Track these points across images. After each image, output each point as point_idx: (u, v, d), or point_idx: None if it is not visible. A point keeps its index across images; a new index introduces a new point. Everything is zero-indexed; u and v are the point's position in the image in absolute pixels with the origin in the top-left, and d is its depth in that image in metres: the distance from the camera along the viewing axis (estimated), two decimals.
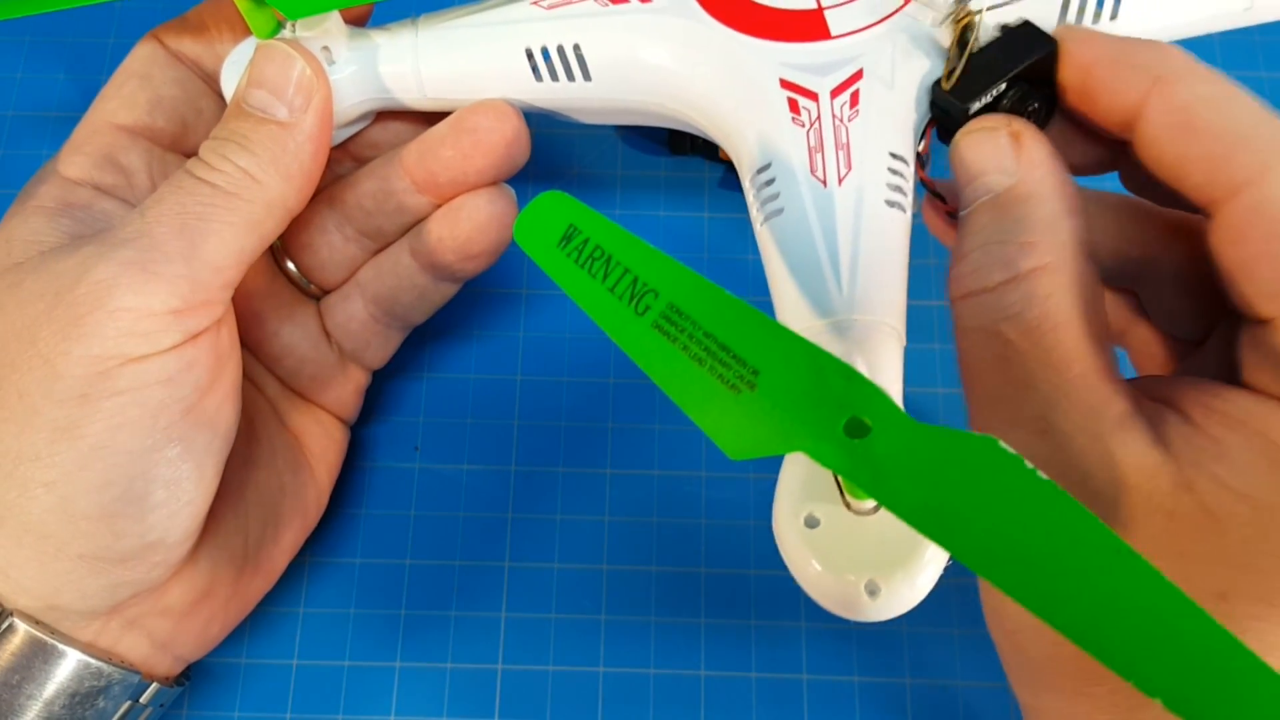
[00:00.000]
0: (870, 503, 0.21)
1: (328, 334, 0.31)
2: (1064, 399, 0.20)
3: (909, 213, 0.24)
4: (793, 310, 0.23)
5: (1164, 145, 0.21)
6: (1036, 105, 0.23)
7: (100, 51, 0.40)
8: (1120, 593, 0.15)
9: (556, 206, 0.21)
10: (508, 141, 0.27)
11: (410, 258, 0.29)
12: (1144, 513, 0.19)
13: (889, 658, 0.31)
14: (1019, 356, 0.20)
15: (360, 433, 0.34)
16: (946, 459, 0.16)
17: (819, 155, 0.23)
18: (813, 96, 0.24)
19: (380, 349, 0.32)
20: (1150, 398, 0.21)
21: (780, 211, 0.23)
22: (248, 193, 0.24)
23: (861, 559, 0.20)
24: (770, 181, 0.24)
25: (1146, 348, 0.27)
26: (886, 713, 0.31)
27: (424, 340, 0.35)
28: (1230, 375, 0.22)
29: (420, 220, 0.29)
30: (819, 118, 0.24)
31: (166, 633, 0.26)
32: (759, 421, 0.18)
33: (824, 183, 0.23)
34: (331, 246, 0.30)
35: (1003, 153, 0.22)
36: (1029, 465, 0.16)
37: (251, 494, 0.28)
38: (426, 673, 0.31)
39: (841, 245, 0.22)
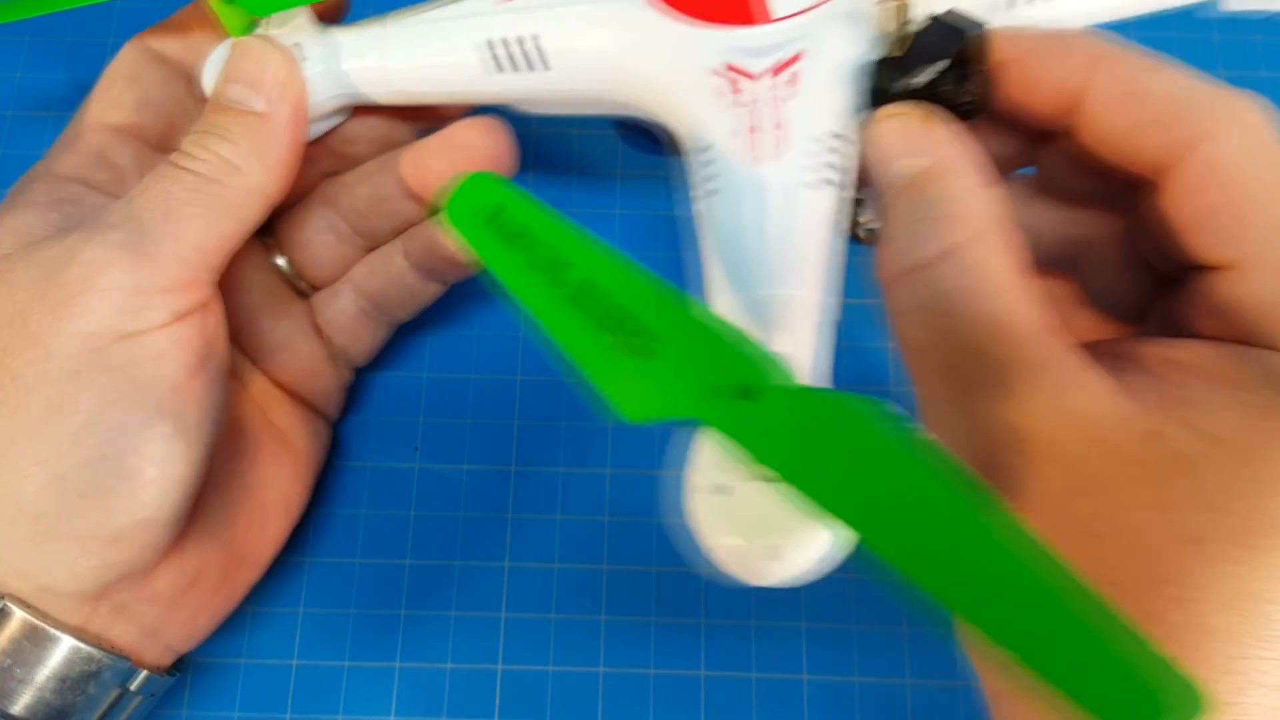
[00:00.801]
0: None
1: (319, 330, 0.32)
2: (1018, 361, 0.20)
3: (846, 191, 0.24)
4: (719, 285, 0.23)
5: (1115, 117, 0.22)
6: (972, 85, 0.23)
7: (100, 51, 0.40)
8: (993, 558, 0.15)
9: (487, 187, 0.22)
10: (496, 157, 0.28)
11: (404, 258, 0.30)
12: (1118, 464, 0.19)
13: (889, 658, 0.31)
14: (964, 326, 0.20)
15: (361, 432, 0.34)
16: (832, 421, 0.17)
17: (756, 135, 0.24)
18: (752, 77, 0.25)
19: (367, 344, 0.32)
20: (1105, 355, 0.21)
21: (716, 191, 0.24)
22: (229, 179, 0.25)
23: (765, 524, 0.21)
24: (709, 162, 0.25)
25: (1088, 335, 0.27)
26: (886, 713, 0.31)
27: (424, 340, 0.36)
28: None
29: (414, 224, 0.30)
30: (757, 98, 0.24)
31: (155, 620, 0.26)
32: (658, 386, 0.19)
33: (758, 161, 0.24)
34: (326, 245, 0.31)
35: (914, 136, 0.23)
36: (914, 426, 0.16)
37: (237, 484, 0.28)
38: (426, 673, 0.31)
39: (770, 222, 0.23)
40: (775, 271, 0.23)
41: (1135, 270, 0.25)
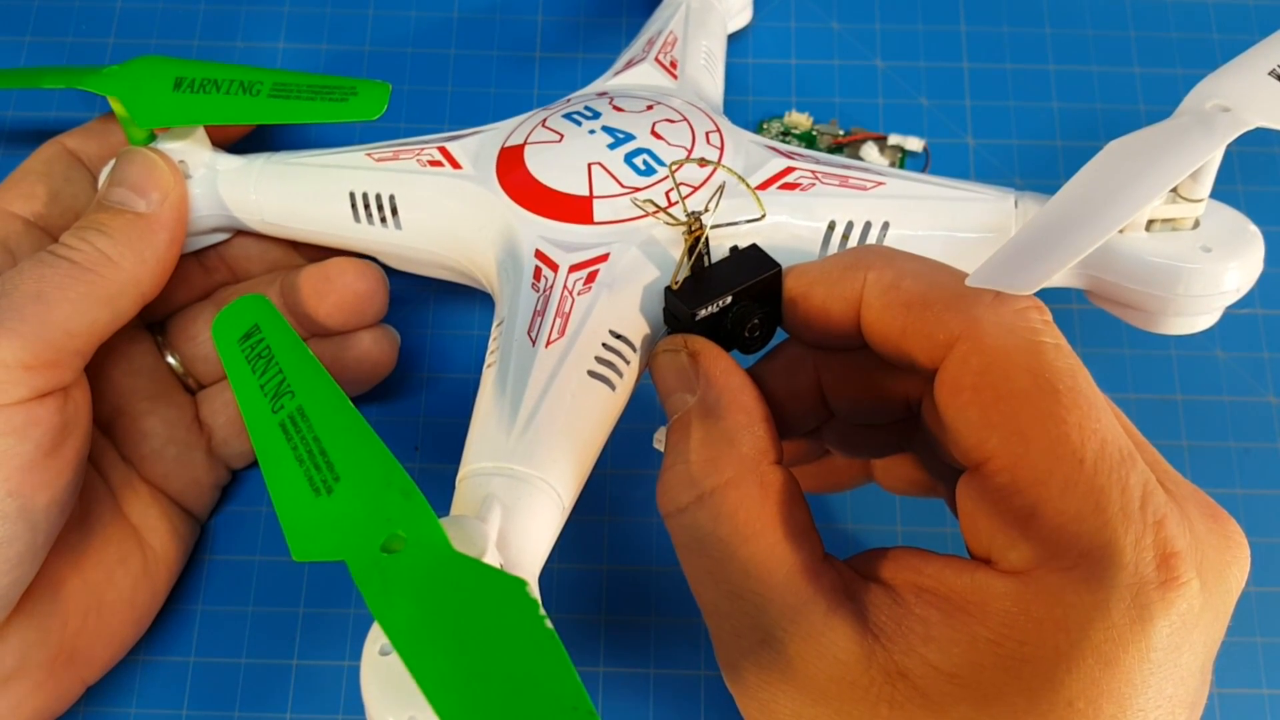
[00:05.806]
0: None
1: (200, 425, 0.32)
2: (771, 606, 0.21)
3: (618, 390, 0.25)
4: (471, 449, 0.24)
5: (887, 323, 0.22)
6: (758, 320, 0.25)
7: (100, 51, 0.40)
8: None
9: (251, 309, 0.24)
10: (359, 296, 0.31)
11: None
12: (869, 705, 0.20)
13: None
14: (724, 570, 0.21)
15: None
16: (463, 587, 0.17)
17: (540, 318, 0.26)
18: (554, 267, 0.26)
19: (247, 442, 0.32)
20: (866, 576, 0.22)
21: (496, 361, 0.26)
22: (103, 270, 0.27)
23: (412, 694, 0.19)
24: (498, 335, 0.26)
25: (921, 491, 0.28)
26: None
27: (424, 339, 0.36)
28: None
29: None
30: (553, 286, 0.26)
31: None
32: (325, 526, 0.19)
33: (534, 342, 0.25)
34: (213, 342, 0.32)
35: (684, 372, 0.24)
36: (541, 613, 0.17)
37: (75, 581, 0.28)
38: None
39: (526, 400, 0.24)
40: (518, 449, 0.23)
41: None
